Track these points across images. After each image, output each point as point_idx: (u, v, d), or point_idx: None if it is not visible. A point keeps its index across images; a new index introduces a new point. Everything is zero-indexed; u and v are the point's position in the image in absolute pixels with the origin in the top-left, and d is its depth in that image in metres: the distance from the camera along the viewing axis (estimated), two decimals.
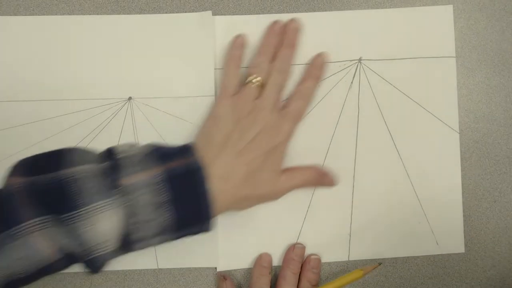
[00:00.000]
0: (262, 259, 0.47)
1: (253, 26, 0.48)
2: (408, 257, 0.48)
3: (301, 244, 0.47)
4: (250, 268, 0.48)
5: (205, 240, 0.47)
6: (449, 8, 0.49)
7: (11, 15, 0.47)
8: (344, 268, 0.48)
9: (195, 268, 0.47)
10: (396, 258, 0.48)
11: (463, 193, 0.49)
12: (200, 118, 0.47)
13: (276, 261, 0.48)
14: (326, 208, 0.48)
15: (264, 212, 0.47)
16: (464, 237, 0.49)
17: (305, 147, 0.48)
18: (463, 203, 0.49)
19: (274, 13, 0.49)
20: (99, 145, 0.46)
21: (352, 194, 0.48)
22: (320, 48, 0.48)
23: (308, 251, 0.48)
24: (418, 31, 0.49)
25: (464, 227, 0.49)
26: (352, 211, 0.48)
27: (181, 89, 0.48)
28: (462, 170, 0.49)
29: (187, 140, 0.45)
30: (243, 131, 0.43)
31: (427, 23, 0.49)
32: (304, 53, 0.48)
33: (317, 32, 0.49)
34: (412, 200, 0.48)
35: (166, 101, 0.47)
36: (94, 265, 0.38)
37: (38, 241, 0.36)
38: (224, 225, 0.47)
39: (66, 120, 0.47)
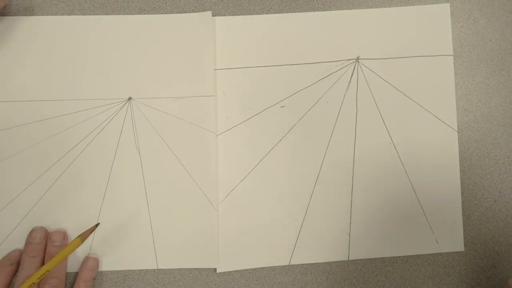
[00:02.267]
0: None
1: (253, 26, 0.49)
2: (408, 256, 0.48)
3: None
4: (250, 269, 0.48)
5: (205, 241, 0.47)
6: (446, 6, 0.49)
7: (10, 15, 0.48)
8: (344, 267, 0.48)
9: (195, 269, 0.47)
10: (396, 258, 0.48)
11: (463, 192, 0.49)
12: (200, 118, 0.47)
13: (274, 260, 0.48)
14: (326, 207, 0.48)
15: (263, 212, 0.48)
16: (464, 237, 0.49)
17: (303, 146, 0.48)
18: (463, 202, 0.49)
19: (274, 13, 0.49)
20: (99, 145, 0.47)
21: (352, 193, 0.48)
22: (318, 47, 0.48)
23: (308, 251, 0.48)
24: (416, 30, 0.49)
25: (464, 226, 0.49)
26: (351, 210, 0.48)
27: (181, 89, 0.48)
28: (462, 170, 0.49)
29: (186, 140, 0.46)
30: None
31: (425, 22, 0.49)
32: (304, 52, 0.48)
33: (315, 32, 0.49)
34: (411, 199, 0.48)
35: (166, 101, 0.48)
36: None
37: None
38: (224, 226, 0.47)
39: (66, 120, 0.47)
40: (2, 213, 0.46)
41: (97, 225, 0.44)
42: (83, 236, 0.43)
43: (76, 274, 0.46)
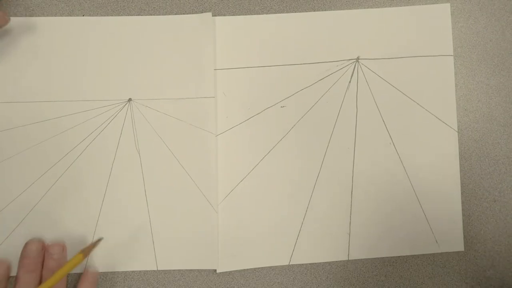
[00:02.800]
0: None
1: (253, 26, 0.48)
2: (408, 256, 0.48)
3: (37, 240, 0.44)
4: (250, 269, 0.48)
5: (205, 242, 0.47)
6: (447, 6, 0.49)
7: (10, 16, 0.47)
8: (344, 267, 0.48)
9: (195, 270, 0.47)
10: (396, 258, 0.48)
11: (462, 192, 0.49)
12: (199, 119, 0.47)
13: (274, 260, 0.48)
14: (326, 207, 0.48)
15: (263, 213, 0.48)
16: (464, 237, 0.49)
17: (303, 147, 0.48)
18: (463, 202, 0.49)
19: (274, 13, 0.49)
20: (99, 146, 0.47)
21: (351, 193, 0.48)
22: (318, 47, 0.48)
23: (308, 251, 0.48)
24: (416, 30, 0.49)
25: (463, 226, 0.49)
26: (351, 210, 0.48)
27: (181, 90, 0.48)
28: (462, 170, 0.49)
29: (186, 141, 0.46)
30: None
31: (425, 22, 0.49)
32: (304, 52, 0.48)
33: (315, 31, 0.49)
34: (411, 199, 0.48)
35: (166, 102, 0.48)
36: None
37: None
38: (224, 227, 0.47)
39: (66, 121, 0.47)
40: (2, 214, 0.46)
41: (99, 239, 0.44)
42: (86, 251, 0.42)
43: (76, 275, 0.46)
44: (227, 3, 0.49)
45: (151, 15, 0.48)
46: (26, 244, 0.44)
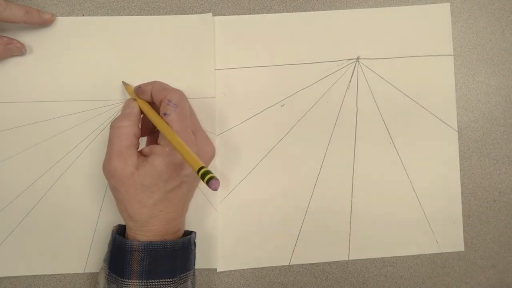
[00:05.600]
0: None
1: (253, 26, 0.49)
2: (408, 256, 0.48)
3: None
4: (250, 268, 0.48)
5: (205, 241, 0.47)
6: (446, 6, 0.49)
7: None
8: (344, 267, 0.48)
9: (196, 269, 0.47)
10: (396, 258, 0.48)
11: (463, 192, 0.49)
12: (200, 119, 0.47)
13: (274, 260, 0.48)
14: (326, 207, 0.48)
15: (263, 213, 0.48)
16: (464, 237, 0.49)
17: (304, 146, 0.48)
18: (463, 202, 0.49)
19: (274, 13, 0.49)
20: (100, 146, 0.47)
21: (352, 193, 0.48)
22: (318, 47, 0.48)
23: (308, 251, 0.48)
24: (416, 30, 0.49)
25: (464, 226, 0.49)
26: (351, 210, 0.48)
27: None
28: (462, 170, 0.49)
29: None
30: None
31: (425, 22, 0.49)
32: (304, 52, 0.48)
33: (316, 31, 0.49)
34: (411, 199, 0.48)
35: None
36: None
37: None
38: (224, 226, 0.47)
39: (67, 121, 0.47)
40: (2, 214, 0.46)
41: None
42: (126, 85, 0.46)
43: (77, 275, 0.46)
44: (227, 3, 0.49)
45: (151, 15, 0.48)
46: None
